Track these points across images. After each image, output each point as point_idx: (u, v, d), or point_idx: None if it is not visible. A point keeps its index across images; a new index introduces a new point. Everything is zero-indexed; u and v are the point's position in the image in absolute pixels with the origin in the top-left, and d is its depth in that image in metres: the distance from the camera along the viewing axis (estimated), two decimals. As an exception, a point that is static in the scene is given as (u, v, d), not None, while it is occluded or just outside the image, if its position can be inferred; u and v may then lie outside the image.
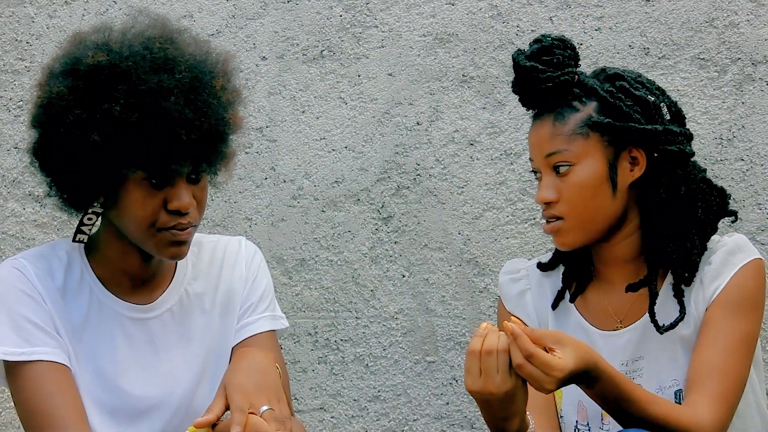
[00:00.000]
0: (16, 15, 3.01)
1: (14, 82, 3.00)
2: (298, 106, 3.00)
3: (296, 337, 2.99)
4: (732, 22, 2.86)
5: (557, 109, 2.24)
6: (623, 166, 2.23)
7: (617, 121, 2.21)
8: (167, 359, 2.23)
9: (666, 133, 2.22)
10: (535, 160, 2.28)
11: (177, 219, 2.11)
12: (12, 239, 2.98)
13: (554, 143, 2.23)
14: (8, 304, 2.12)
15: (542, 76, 2.23)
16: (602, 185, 2.22)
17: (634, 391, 2.04)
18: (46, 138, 2.09)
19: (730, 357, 2.16)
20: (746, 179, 2.84)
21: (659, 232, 2.24)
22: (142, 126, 2.01)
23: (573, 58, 2.27)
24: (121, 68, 2.03)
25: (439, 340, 2.96)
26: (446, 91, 2.97)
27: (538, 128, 2.27)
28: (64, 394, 2.10)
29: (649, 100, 2.23)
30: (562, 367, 1.93)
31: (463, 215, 2.95)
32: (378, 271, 2.98)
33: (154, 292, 2.25)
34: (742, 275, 2.21)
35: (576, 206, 2.22)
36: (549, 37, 2.26)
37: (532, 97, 2.27)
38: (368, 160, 2.98)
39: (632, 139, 2.21)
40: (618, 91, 2.23)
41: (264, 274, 2.35)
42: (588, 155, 2.21)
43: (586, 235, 2.24)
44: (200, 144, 2.07)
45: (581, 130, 2.21)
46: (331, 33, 3.00)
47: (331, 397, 2.99)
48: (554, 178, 2.24)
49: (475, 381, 1.96)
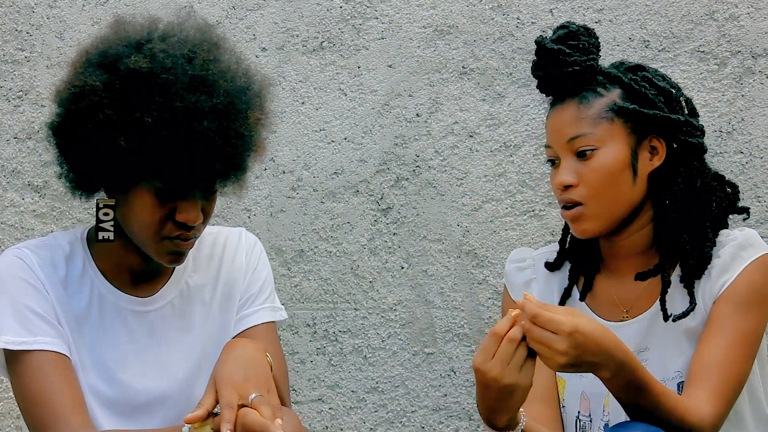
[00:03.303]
0: (17, 5, 3.01)
1: (14, 72, 3.00)
2: (298, 97, 3.00)
3: (295, 328, 2.99)
4: (732, 15, 2.86)
5: (581, 93, 2.24)
6: (644, 155, 2.24)
7: (643, 107, 2.22)
8: (167, 352, 2.23)
9: (687, 125, 2.24)
10: (554, 145, 2.27)
11: (183, 230, 2.10)
12: (11, 229, 2.97)
13: (579, 126, 2.23)
14: (10, 292, 2.12)
15: (569, 59, 2.24)
16: (624, 171, 2.22)
17: (652, 382, 2.01)
18: (71, 124, 2.07)
19: (733, 353, 2.16)
20: (745, 172, 2.84)
21: (674, 223, 2.24)
22: (170, 142, 2.00)
23: (596, 47, 2.29)
24: (161, 80, 2.01)
25: (438, 331, 2.96)
26: (446, 83, 2.96)
27: (559, 113, 2.27)
28: (64, 384, 2.09)
29: (672, 91, 2.25)
30: (570, 323, 1.87)
31: (462, 207, 2.95)
32: (377, 263, 2.98)
33: (155, 285, 2.25)
34: (751, 271, 2.21)
35: (598, 190, 2.21)
36: (574, 24, 2.28)
37: (555, 81, 2.27)
38: (367, 152, 2.98)
39: (655, 127, 2.22)
40: (642, 80, 2.25)
41: (264, 265, 2.35)
42: (612, 140, 2.22)
43: (605, 222, 2.24)
44: (221, 168, 2.07)
45: (607, 114, 2.22)
46: (331, 24, 3.00)
47: (329, 388, 2.99)
48: (575, 162, 2.23)
49: (485, 361, 1.91)
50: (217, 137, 2.03)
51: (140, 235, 2.12)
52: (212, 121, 2.02)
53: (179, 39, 2.09)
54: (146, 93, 2.00)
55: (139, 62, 2.02)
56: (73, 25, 3.01)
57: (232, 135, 2.06)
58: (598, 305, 2.34)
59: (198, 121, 2.01)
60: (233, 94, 2.07)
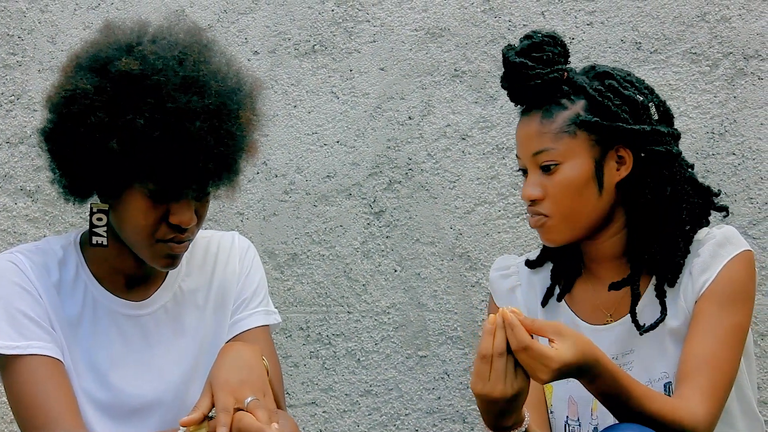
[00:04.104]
0: (8, 9, 3.00)
1: (6, 77, 3.00)
2: (290, 100, 3.00)
3: (288, 331, 2.99)
4: (724, 17, 2.86)
5: (545, 107, 2.24)
6: (610, 166, 2.23)
7: (605, 120, 2.21)
8: (161, 356, 2.23)
9: (653, 134, 2.22)
10: (522, 157, 2.28)
11: (176, 232, 2.10)
12: (3, 234, 2.97)
13: (541, 141, 2.23)
14: (3, 297, 2.11)
15: (531, 72, 2.23)
16: (588, 184, 2.22)
17: (633, 386, 2.03)
18: (62, 129, 2.06)
19: (721, 349, 2.16)
20: (738, 173, 2.84)
21: (644, 233, 2.24)
22: (162, 143, 1.99)
23: (563, 55, 2.27)
24: (152, 81, 2.01)
25: (431, 334, 2.96)
26: (438, 86, 2.97)
27: (525, 125, 2.27)
28: (57, 388, 2.09)
29: (638, 99, 2.23)
30: (558, 359, 1.91)
31: (455, 210, 2.95)
32: (370, 266, 2.98)
33: (149, 289, 2.25)
34: (732, 267, 2.21)
35: (561, 205, 2.22)
36: (539, 34, 2.25)
37: (521, 93, 2.27)
38: (360, 155, 2.98)
39: (620, 138, 2.21)
40: (607, 90, 2.23)
41: (257, 269, 2.35)
42: (575, 154, 2.21)
43: (571, 232, 2.25)
44: (214, 169, 2.07)
45: (569, 129, 2.21)
46: (323, 28, 3.00)
47: (322, 391, 2.99)
48: (540, 176, 2.24)
49: (484, 384, 1.93)
50: (209, 137, 2.03)
51: (134, 239, 2.12)
52: (204, 121, 2.02)
53: (170, 41, 2.09)
54: (137, 95, 2.00)
55: (129, 64, 2.02)
56: (64, 29, 3.01)
57: (224, 135, 2.06)
58: (581, 308, 2.34)
59: (190, 121, 2.01)
60: (225, 95, 2.07)
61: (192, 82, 2.04)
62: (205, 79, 2.06)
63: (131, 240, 2.13)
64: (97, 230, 2.15)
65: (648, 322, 2.23)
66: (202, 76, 2.05)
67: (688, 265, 2.24)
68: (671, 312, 2.23)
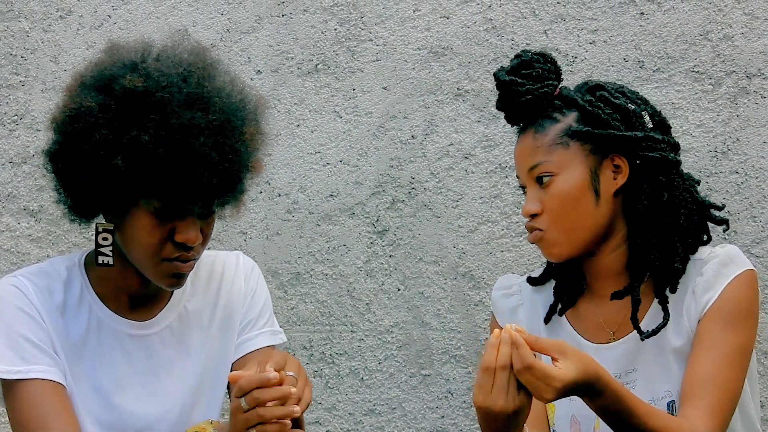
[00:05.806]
0: (11, 29, 3.01)
1: (9, 97, 3.00)
2: (293, 119, 3.00)
3: (291, 350, 2.98)
4: (726, 35, 2.87)
5: (538, 122, 2.26)
6: (606, 174, 2.23)
7: (596, 128, 2.22)
8: (166, 376, 2.23)
9: (647, 140, 2.23)
10: (521, 175, 2.29)
11: (182, 251, 2.10)
12: (7, 254, 2.97)
13: (535, 155, 2.24)
14: (5, 321, 2.11)
15: (521, 89, 2.25)
16: (585, 194, 2.22)
17: (636, 404, 2.02)
18: (67, 148, 2.06)
19: (725, 369, 2.16)
20: (741, 192, 2.84)
21: (643, 240, 2.24)
22: (167, 160, 1.99)
23: (554, 72, 2.29)
24: (156, 98, 2.01)
25: (435, 353, 2.95)
26: (441, 105, 2.97)
27: (521, 143, 2.29)
28: (59, 412, 2.09)
29: (629, 108, 2.25)
30: (562, 378, 1.90)
31: (458, 229, 2.95)
32: (373, 285, 2.98)
33: (153, 309, 2.25)
34: (735, 287, 2.20)
35: (558, 217, 2.23)
36: (529, 52, 2.29)
37: (514, 111, 2.28)
38: (363, 174, 2.98)
39: (613, 146, 2.22)
40: (598, 100, 2.25)
41: (262, 288, 2.35)
42: (569, 165, 2.22)
43: (571, 245, 2.25)
44: (219, 185, 2.07)
45: (561, 140, 2.22)
46: (326, 47, 3.00)
47: (326, 411, 2.99)
48: (538, 191, 2.24)
49: (486, 397, 1.92)
50: (213, 153, 2.03)
51: (140, 258, 2.12)
52: (208, 137, 2.02)
53: (174, 59, 2.09)
54: (142, 111, 2.00)
55: (134, 81, 2.02)
56: (67, 49, 3.01)
57: (229, 151, 2.06)
58: (583, 327, 2.34)
59: (194, 137, 2.01)
60: (229, 111, 2.07)
61: (196, 99, 2.04)
62: (210, 95, 2.06)
63: (137, 259, 2.13)
64: (102, 250, 2.14)
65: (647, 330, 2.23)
66: (207, 93, 2.06)
67: (691, 285, 2.24)
68: (674, 331, 2.23)
